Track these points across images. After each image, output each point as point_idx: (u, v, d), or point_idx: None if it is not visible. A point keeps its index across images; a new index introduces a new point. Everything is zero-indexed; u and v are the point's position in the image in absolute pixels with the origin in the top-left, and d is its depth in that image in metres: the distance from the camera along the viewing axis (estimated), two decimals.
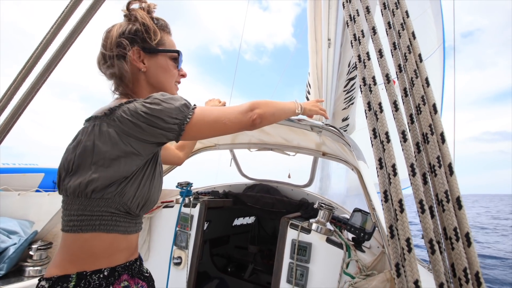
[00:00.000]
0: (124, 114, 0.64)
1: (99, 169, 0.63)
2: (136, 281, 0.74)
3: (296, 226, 1.40)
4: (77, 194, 0.64)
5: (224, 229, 2.78)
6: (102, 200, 0.64)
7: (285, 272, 1.37)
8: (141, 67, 0.74)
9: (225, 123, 0.71)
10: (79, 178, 0.63)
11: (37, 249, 1.46)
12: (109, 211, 0.66)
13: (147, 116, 0.63)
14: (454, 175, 0.27)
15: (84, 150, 0.64)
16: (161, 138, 0.67)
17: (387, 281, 0.93)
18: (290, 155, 1.88)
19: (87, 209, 0.64)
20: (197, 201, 1.76)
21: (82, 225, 0.64)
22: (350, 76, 2.21)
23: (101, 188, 0.63)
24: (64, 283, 0.61)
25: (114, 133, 0.63)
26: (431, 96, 0.31)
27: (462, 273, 0.23)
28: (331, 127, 1.10)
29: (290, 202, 1.88)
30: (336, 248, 1.28)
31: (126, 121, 0.63)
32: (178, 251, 1.71)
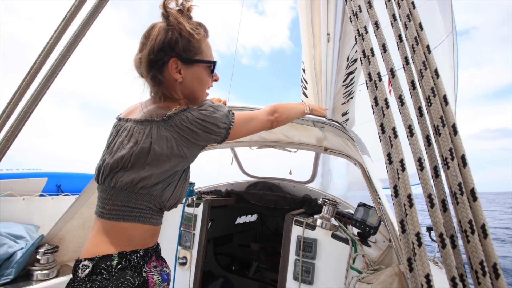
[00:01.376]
0: (183, 122, 0.72)
1: (152, 168, 0.70)
2: (161, 262, 0.82)
3: (300, 223, 1.40)
4: (126, 188, 0.71)
5: (227, 228, 2.79)
6: (146, 196, 0.72)
7: (291, 269, 1.37)
8: (177, 77, 0.76)
9: (255, 125, 0.87)
10: (132, 175, 0.70)
11: (44, 253, 1.46)
12: (148, 206, 0.74)
13: (203, 124, 0.73)
14: (467, 166, 0.27)
15: (141, 151, 0.70)
16: (211, 141, 0.77)
17: (396, 275, 0.93)
18: (291, 151, 1.87)
19: (132, 201, 0.72)
20: (200, 201, 1.76)
21: (124, 215, 0.72)
22: (349, 70, 2.20)
23: (149, 186, 0.71)
24: (108, 261, 0.68)
25: (172, 138, 0.71)
26: (442, 87, 0.30)
27: (478, 266, 0.23)
28: (334, 122, 1.09)
29: (293, 198, 1.88)
30: (342, 244, 1.28)
31: (185, 128, 0.72)
32: (183, 251, 1.71)
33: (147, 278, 0.72)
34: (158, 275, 0.75)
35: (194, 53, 0.77)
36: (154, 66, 0.74)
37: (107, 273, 0.67)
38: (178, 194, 0.79)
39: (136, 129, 0.73)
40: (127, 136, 0.73)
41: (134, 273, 0.70)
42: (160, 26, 0.74)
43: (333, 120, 1.10)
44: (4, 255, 1.44)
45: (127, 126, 0.75)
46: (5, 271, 1.42)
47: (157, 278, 0.74)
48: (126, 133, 0.74)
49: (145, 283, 0.70)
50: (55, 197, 2.58)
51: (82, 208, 1.53)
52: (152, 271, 0.75)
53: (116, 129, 0.79)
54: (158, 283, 0.74)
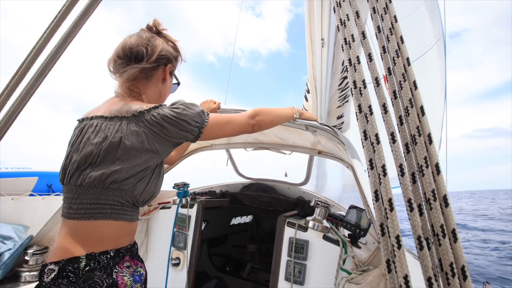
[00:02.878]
0: (153, 117, 0.73)
1: (122, 163, 0.70)
2: (136, 262, 0.81)
3: (293, 224, 1.41)
4: (95, 184, 0.70)
5: (221, 229, 2.79)
6: (117, 190, 0.72)
7: (283, 270, 1.38)
8: (167, 79, 0.90)
9: (232, 127, 0.88)
10: (101, 169, 0.70)
11: (32, 254, 1.44)
12: (120, 202, 0.73)
13: (174, 120, 0.75)
14: (441, 174, 0.29)
15: (111, 146, 0.70)
16: (182, 139, 0.79)
17: (383, 275, 0.95)
18: (286, 154, 1.89)
19: (102, 198, 0.71)
20: (194, 202, 1.76)
21: (94, 213, 0.71)
22: (344, 74, 2.23)
23: (120, 180, 0.71)
24: (75, 263, 0.66)
25: (142, 133, 0.72)
26: (419, 98, 0.32)
27: (448, 267, 0.25)
28: (325, 126, 1.11)
29: (286, 200, 1.90)
30: (333, 245, 1.30)
31: (156, 124, 0.73)
32: (176, 252, 1.71)
33: (117, 279, 0.69)
34: (130, 275, 0.73)
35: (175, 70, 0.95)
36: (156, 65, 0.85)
37: (74, 275, 0.65)
38: (152, 189, 0.79)
39: (104, 125, 0.74)
40: (94, 132, 0.73)
41: (103, 274, 0.68)
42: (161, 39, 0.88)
43: (325, 125, 1.12)
44: None
45: (92, 123, 0.75)
46: None
47: (128, 279, 0.72)
48: (93, 129, 0.74)
49: (114, 284, 0.68)
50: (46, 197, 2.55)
51: None
52: (124, 272, 0.73)
53: (80, 128, 0.78)
54: (129, 284, 0.72)
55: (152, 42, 0.86)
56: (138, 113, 0.74)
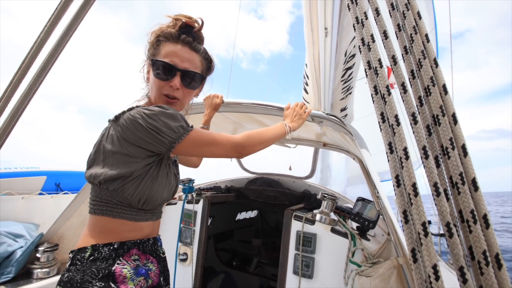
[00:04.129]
0: (124, 122, 0.72)
1: (105, 166, 0.74)
2: (147, 257, 0.81)
3: (300, 218, 1.40)
4: (91, 182, 0.77)
5: (227, 224, 2.79)
6: (107, 191, 0.74)
7: (291, 264, 1.38)
8: (148, 77, 0.88)
9: (213, 150, 0.80)
10: (91, 170, 0.76)
11: (44, 251, 1.46)
12: (113, 201, 0.76)
13: (143, 126, 0.70)
14: (468, 156, 0.27)
15: (98, 149, 0.76)
16: (152, 148, 0.74)
17: (394, 267, 0.94)
18: (290, 147, 1.87)
19: (98, 196, 0.76)
20: (200, 197, 1.76)
21: (95, 209, 0.77)
22: (347, 65, 2.18)
23: (105, 181, 0.73)
24: (82, 253, 0.72)
25: (116, 137, 0.74)
26: (441, 76, 0.30)
27: (481, 255, 0.23)
28: (332, 117, 1.09)
29: (292, 194, 1.89)
30: (341, 238, 1.29)
31: (125, 128, 0.72)
32: (184, 248, 1.72)
33: (114, 270, 0.70)
34: (132, 268, 0.73)
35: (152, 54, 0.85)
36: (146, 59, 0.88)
37: (80, 263, 0.71)
38: (146, 191, 0.75)
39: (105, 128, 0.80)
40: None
41: (102, 264, 0.70)
42: None
43: (332, 115, 1.09)
44: (4, 254, 1.45)
45: None
46: (5, 270, 1.43)
47: (127, 271, 0.72)
48: None
49: (110, 275, 0.70)
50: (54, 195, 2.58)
51: (81, 206, 1.53)
52: (126, 264, 0.73)
53: None
54: (129, 276, 0.72)
55: None
56: (115, 117, 0.76)
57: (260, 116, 1.40)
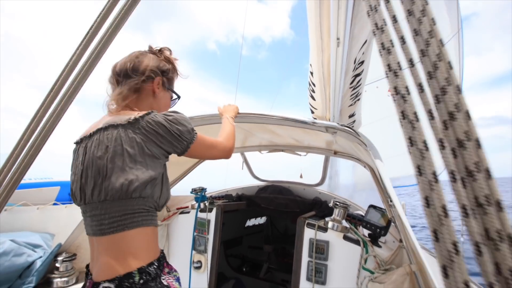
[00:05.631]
0: (148, 123, 0.76)
1: (135, 171, 0.72)
2: (170, 267, 0.85)
3: (312, 225, 1.43)
4: (118, 196, 0.71)
5: (237, 231, 2.82)
6: (140, 199, 0.74)
7: (304, 270, 1.40)
8: (157, 92, 0.91)
9: (213, 152, 0.93)
10: (118, 181, 0.71)
11: (62, 261, 1.52)
12: (145, 208, 0.76)
13: (168, 128, 0.77)
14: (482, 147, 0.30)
15: (114, 154, 0.72)
16: (171, 149, 0.80)
17: (407, 274, 0.97)
18: (301, 155, 1.91)
19: (129, 208, 0.73)
20: (212, 206, 1.81)
21: (127, 223, 0.73)
22: (355, 72, 2.22)
23: (140, 189, 0.73)
24: (130, 279, 0.69)
25: (140, 139, 0.74)
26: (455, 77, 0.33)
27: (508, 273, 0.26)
28: (346, 128, 1.13)
29: (303, 201, 1.92)
30: (353, 245, 1.32)
31: (151, 130, 0.76)
32: (198, 255, 1.76)
33: (169, 285, 0.75)
34: (174, 280, 0.79)
35: (171, 83, 0.98)
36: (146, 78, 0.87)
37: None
38: (166, 192, 0.83)
39: (101, 136, 0.76)
40: (96, 146, 0.75)
41: (156, 284, 0.72)
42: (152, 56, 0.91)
43: (346, 126, 1.13)
44: (24, 264, 1.50)
45: (92, 139, 0.78)
46: (26, 279, 1.48)
47: (176, 283, 0.78)
48: (95, 144, 0.76)
49: None
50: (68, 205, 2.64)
51: None
52: (170, 278, 0.78)
53: (83, 147, 0.80)
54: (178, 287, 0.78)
55: (140, 58, 0.89)
56: (133, 120, 0.76)
57: (273, 126, 1.45)
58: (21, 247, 1.61)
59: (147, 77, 0.87)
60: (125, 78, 0.86)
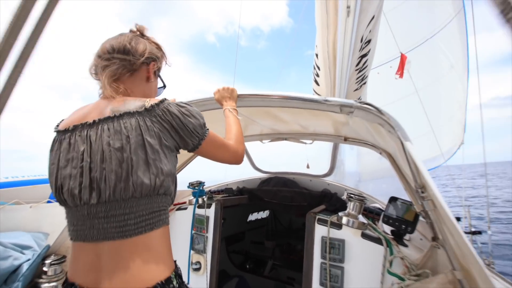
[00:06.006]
0: (164, 113, 0.71)
1: (159, 165, 0.67)
2: None
3: (324, 222, 1.26)
4: (147, 193, 0.66)
5: (239, 226, 2.67)
6: (163, 196, 0.70)
7: (317, 273, 1.23)
8: (151, 77, 0.86)
9: (223, 153, 0.86)
10: (145, 173, 0.65)
11: (50, 264, 1.37)
12: (166, 206, 0.73)
13: (181, 121, 0.73)
14: None
15: (137, 146, 0.66)
16: (182, 144, 0.76)
17: (450, 283, 0.78)
18: (306, 143, 1.72)
19: (155, 206, 0.69)
20: (211, 201, 1.63)
21: (154, 222, 0.68)
22: (362, 52, 2.01)
23: (166, 185, 0.69)
24: (170, 284, 0.66)
25: (157, 129, 0.70)
26: None
27: None
28: (367, 106, 0.92)
29: (310, 194, 1.73)
30: (374, 244, 1.14)
31: (166, 120, 0.71)
32: (196, 256, 1.59)
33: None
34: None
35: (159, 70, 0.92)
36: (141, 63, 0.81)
37: None
38: (176, 187, 0.79)
39: (116, 125, 0.68)
40: (112, 136, 0.66)
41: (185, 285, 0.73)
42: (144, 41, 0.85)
43: (366, 103, 0.93)
44: (10, 268, 1.36)
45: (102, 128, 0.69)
46: (11, 285, 1.34)
47: None
48: (109, 133, 0.67)
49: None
50: None
51: None
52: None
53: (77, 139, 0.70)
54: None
55: (135, 40, 0.83)
56: (150, 107, 0.70)
57: (276, 110, 1.25)
58: (7, 250, 1.47)
59: (145, 60, 0.82)
60: (120, 55, 0.79)
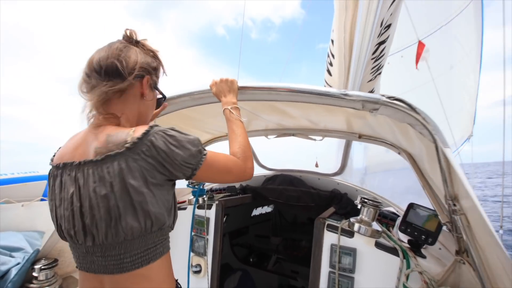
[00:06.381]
0: (148, 149, 0.66)
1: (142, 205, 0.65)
2: None
3: (334, 228, 1.15)
4: (138, 235, 0.67)
5: (242, 221, 2.60)
6: (159, 231, 0.71)
7: (325, 283, 1.14)
8: (146, 94, 0.78)
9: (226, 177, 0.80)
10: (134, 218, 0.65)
11: (40, 269, 1.30)
12: (164, 237, 0.74)
13: (167, 156, 0.67)
14: None
15: (122, 191, 0.64)
16: (173, 177, 0.72)
17: None
18: (316, 140, 1.59)
19: (150, 242, 0.70)
20: (212, 202, 1.54)
21: (151, 257, 0.70)
22: (380, 39, 1.84)
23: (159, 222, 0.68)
24: None
25: (142, 168, 0.65)
26: None
27: None
28: (397, 102, 0.77)
29: (319, 194, 1.63)
30: (389, 255, 1.04)
31: (151, 156, 0.66)
32: (197, 258, 1.52)
33: None
34: None
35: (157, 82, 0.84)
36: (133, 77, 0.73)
37: None
38: (176, 208, 0.77)
39: (100, 171, 0.65)
40: (97, 183, 0.65)
41: None
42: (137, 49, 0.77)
43: (396, 99, 0.78)
44: None
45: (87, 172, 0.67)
46: None
47: None
48: (94, 179, 0.65)
49: None
50: None
51: None
52: None
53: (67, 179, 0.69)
54: None
55: (125, 52, 0.74)
56: (131, 145, 0.65)
57: (284, 104, 1.12)
58: None
59: (136, 76, 0.74)
60: (108, 76, 0.72)
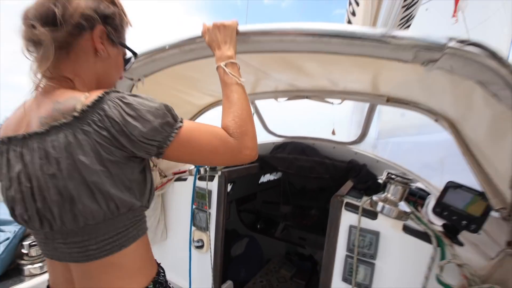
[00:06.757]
0: (101, 119, 0.53)
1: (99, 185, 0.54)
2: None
3: (355, 208, 0.99)
4: (103, 218, 0.57)
5: (250, 188, 2.51)
6: (130, 212, 0.61)
7: (340, 268, 1.02)
8: (99, 48, 0.63)
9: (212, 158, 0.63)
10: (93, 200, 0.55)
11: (30, 246, 1.22)
12: (137, 218, 0.65)
13: (122, 129, 0.54)
14: None
15: (71, 168, 0.53)
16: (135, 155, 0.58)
17: None
18: (334, 103, 1.35)
19: (120, 225, 0.61)
20: (214, 173, 1.38)
21: (122, 242, 0.62)
22: None
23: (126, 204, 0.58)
24: None
25: (94, 141, 0.53)
26: None
27: None
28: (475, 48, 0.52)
29: (334, 165, 1.44)
30: (418, 240, 0.88)
31: (104, 127, 0.54)
32: (198, 233, 1.42)
33: None
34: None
35: (119, 37, 0.68)
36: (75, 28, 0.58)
37: None
38: (153, 186, 0.66)
39: (45, 144, 0.54)
40: (43, 159, 0.54)
41: None
42: None
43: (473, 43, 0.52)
44: None
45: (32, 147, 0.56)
46: None
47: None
48: (39, 155, 0.55)
49: None
50: None
51: None
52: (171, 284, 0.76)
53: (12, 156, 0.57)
54: None
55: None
56: (80, 114, 0.53)
57: (298, 57, 0.87)
58: None
59: (77, 27, 0.59)
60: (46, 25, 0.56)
